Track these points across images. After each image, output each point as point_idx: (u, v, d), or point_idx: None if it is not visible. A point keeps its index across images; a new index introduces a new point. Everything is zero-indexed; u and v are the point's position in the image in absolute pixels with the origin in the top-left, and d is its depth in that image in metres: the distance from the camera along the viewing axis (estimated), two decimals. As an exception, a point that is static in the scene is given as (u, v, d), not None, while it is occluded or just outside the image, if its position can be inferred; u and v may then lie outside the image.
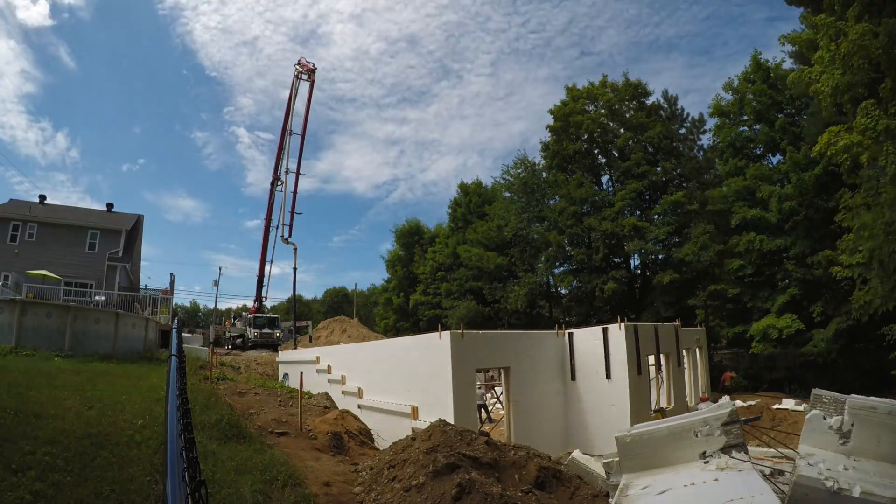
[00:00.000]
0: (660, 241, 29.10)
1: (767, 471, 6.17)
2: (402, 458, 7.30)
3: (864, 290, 16.14)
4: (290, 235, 36.15)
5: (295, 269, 37.22)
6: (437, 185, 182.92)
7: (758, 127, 27.34)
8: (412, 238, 48.47)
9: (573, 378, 13.89)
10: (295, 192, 36.72)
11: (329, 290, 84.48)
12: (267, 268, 38.68)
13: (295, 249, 36.52)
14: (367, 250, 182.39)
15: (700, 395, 19.94)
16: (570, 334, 14.31)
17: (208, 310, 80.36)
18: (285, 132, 37.34)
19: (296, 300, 40.44)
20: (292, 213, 36.44)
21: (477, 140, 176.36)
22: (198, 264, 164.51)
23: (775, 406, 19.66)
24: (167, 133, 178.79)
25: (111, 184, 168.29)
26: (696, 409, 12.49)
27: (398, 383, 13.07)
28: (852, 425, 5.60)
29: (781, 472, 6.20)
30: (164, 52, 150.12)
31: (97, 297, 25.61)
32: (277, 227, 37.23)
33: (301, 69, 36.81)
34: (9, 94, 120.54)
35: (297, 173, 36.86)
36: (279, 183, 37.53)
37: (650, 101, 32.95)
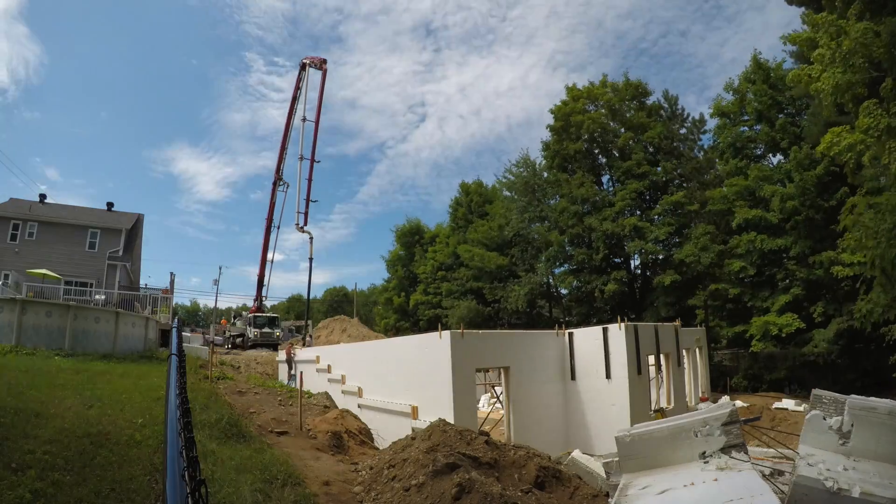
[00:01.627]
0: (660, 241, 29.08)
1: (767, 471, 6.17)
2: (402, 457, 7.29)
3: (866, 300, 16.01)
4: (305, 224, 34.81)
5: (311, 259, 35.84)
6: (479, 119, 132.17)
7: (759, 127, 27.33)
8: (412, 238, 48.47)
9: (573, 378, 13.89)
10: (310, 180, 35.32)
11: (329, 290, 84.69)
12: (267, 268, 38.44)
13: (311, 239, 35.16)
14: (375, 231, 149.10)
15: (700, 395, 19.92)
16: (570, 334, 14.30)
17: (208, 309, 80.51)
18: (289, 129, 36.59)
19: (310, 295, 38.57)
20: (307, 200, 34.98)
21: (553, 31, 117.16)
22: (197, 252, 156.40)
23: (775, 406, 19.68)
24: (159, 63, 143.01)
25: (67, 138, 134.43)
26: (696, 409, 12.49)
27: (398, 383, 13.07)
28: (852, 426, 5.60)
29: (781, 472, 6.20)
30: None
31: (97, 297, 25.61)
32: (279, 227, 37.05)
33: (309, 61, 36.33)
34: None
35: (312, 160, 35.43)
36: (281, 183, 37.07)
37: (650, 101, 33.00)
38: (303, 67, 36.55)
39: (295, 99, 36.66)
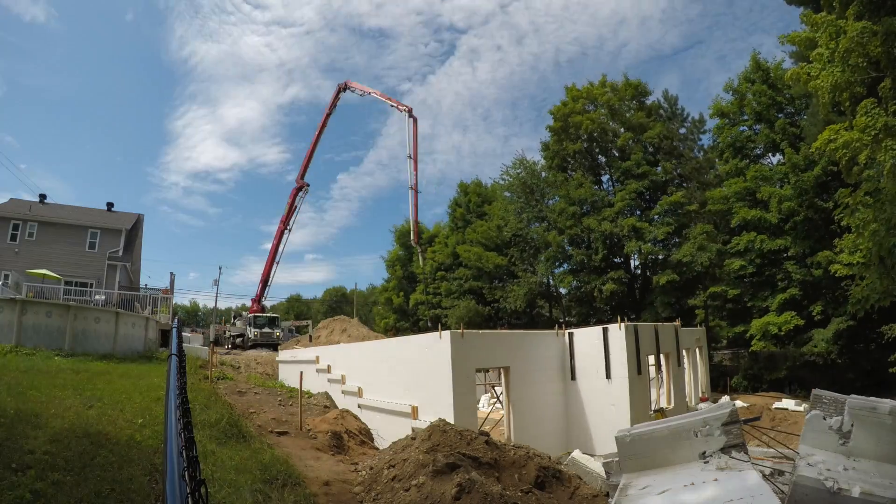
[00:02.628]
0: (659, 241, 29.10)
1: (767, 471, 6.16)
2: (402, 457, 7.29)
3: (862, 286, 16.18)
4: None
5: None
6: (520, 52, 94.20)
7: (758, 127, 27.33)
8: (412, 237, 48.43)
9: (573, 378, 13.89)
10: (415, 206, 34.45)
11: (329, 290, 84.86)
12: (273, 269, 38.71)
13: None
14: (382, 210, 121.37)
15: (700, 395, 19.94)
16: (570, 334, 14.31)
17: (208, 309, 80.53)
18: (317, 142, 38.09)
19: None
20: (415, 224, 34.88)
21: None
22: (179, 243, 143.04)
23: (775, 406, 19.67)
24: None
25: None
26: (696, 409, 12.50)
27: (398, 383, 13.07)
28: (852, 425, 5.59)
29: (781, 472, 6.20)
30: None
31: (97, 297, 25.60)
32: (291, 230, 37.71)
33: (355, 89, 37.23)
34: None
35: (416, 192, 33.87)
36: (307, 188, 37.80)
37: (650, 100, 33.04)
38: (341, 90, 37.66)
39: (328, 116, 38.17)
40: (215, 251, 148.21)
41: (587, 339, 13.83)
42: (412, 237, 35.27)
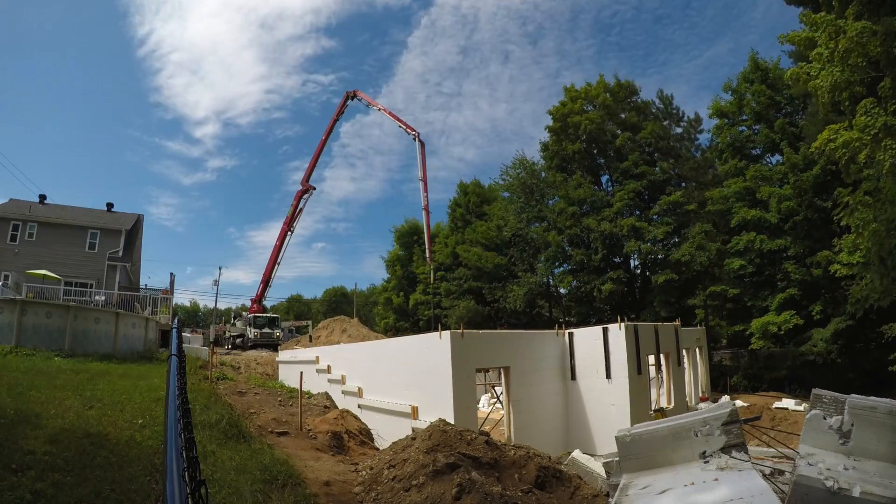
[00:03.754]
0: (658, 241, 29.12)
1: (767, 470, 6.17)
2: (402, 457, 7.29)
3: (861, 285, 16.21)
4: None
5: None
6: None
7: (757, 127, 27.36)
8: (411, 238, 48.47)
9: (573, 378, 13.90)
10: (428, 227, 35.06)
11: (329, 290, 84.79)
12: (275, 270, 38.80)
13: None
14: (392, 181, 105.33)
15: (700, 394, 19.94)
16: (570, 334, 14.31)
17: (208, 309, 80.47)
18: (324, 145, 38.56)
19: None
20: (428, 243, 35.60)
21: None
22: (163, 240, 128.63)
23: (775, 405, 19.67)
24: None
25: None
26: (696, 409, 12.50)
27: (398, 383, 13.07)
28: (852, 425, 5.59)
29: (781, 472, 6.20)
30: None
31: (97, 297, 25.60)
32: (293, 231, 37.99)
33: (362, 100, 37.79)
34: None
35: (427, 214, 34.49)
36: (312, 191, 38.15)
37: (639, 99, 33.28)
38: (349, 97, 38.01)
39: (335, 122, 38.85)
40: (201, 242, 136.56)
41: (587, 339, 13.83)
42: (427, 256, 35.83)
